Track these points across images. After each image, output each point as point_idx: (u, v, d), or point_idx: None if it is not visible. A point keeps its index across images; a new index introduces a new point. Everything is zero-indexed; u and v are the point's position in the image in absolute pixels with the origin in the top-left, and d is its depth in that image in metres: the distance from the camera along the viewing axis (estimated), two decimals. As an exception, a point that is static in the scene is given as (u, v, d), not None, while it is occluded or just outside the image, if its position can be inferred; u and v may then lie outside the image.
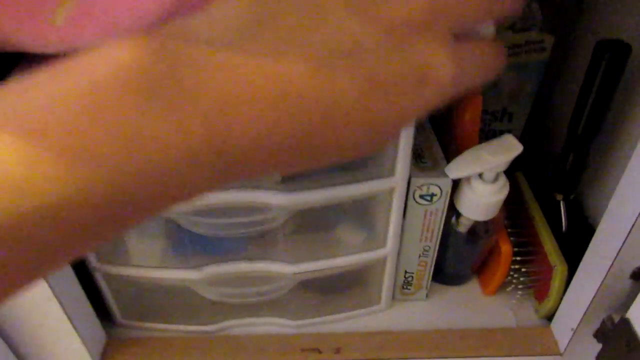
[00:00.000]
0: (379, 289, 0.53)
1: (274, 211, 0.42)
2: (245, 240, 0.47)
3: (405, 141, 0.40)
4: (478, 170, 0.43)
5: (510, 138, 0.44)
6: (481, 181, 0.46)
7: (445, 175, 0.44)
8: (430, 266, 0.52)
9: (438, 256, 0.52)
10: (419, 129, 0.49)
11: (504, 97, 0.56)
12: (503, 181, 0.46)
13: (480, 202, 0.46)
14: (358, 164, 0.43)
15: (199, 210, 0.42)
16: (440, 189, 0.45)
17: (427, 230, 0.48)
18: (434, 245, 0.50)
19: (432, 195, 0.45)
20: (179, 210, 0.42)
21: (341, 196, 0.42)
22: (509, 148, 0.43)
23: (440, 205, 0.46)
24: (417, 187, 0.45)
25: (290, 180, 0.41)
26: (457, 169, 0.43)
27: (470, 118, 0.49)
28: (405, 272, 0.53)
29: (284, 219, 0.43)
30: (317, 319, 0.53)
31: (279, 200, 0.41)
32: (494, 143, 0.44)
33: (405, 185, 0.44)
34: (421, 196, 0.46)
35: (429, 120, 0.50)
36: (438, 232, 0.49)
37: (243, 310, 0.53)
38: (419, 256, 0.51)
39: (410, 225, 0.48)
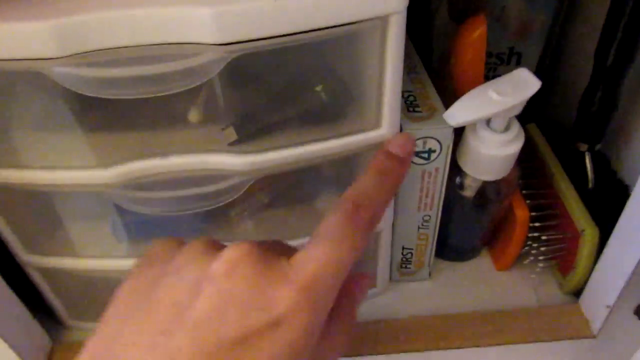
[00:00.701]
0: (373, 269, 0.44)
1: (232, 179, 0.34)
2: (202, 220, 0.38)
3: (393, 85, 0.31)
4: (485, 114, 0.34)
5: (524, 72, 0.35)
6: (489, 130, 0.37)
7: (445, 125, 0.35)
8: (433, 239, 0.44)
9: (441, 227, 0.43)
10: (410, 73, 0.40)
11: (510, 33, 0.47)
12: (516, 129, 0.37)
13: (489, 157, 0.38)
14: (335, 115, 0.34)
15: (137, 184, 0.33)
16: (440, 142, 0.36)
17: (426, 196, 0.40)
18: (435, 214, 0.41)
19: (430, 151, 0.37)
20: (115, 188, 0.34)
21: (315, 156, 0.34)
22: (523, 85, 0.34)
23: (440, 164, 0.38)
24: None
25: (248, 138, 0.33)
26: (459, 114, 0.34)
27: (473, 57, 0.40)
28: (403, 248, 0.44)
29: (245, 189, 0.35)
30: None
31: (235, 163, 0.33)
32: (504, 80, 0.35)
33: (396, 140, 0.35)
34: (416, 154, 0.37)
35: (423, 63, 0.41)
36: (439, 198, 0.40)
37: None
38: (418, 228, 0.42)
39: (405, 191, 0.40)
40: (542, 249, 0.43)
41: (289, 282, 0.21)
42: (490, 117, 0.35)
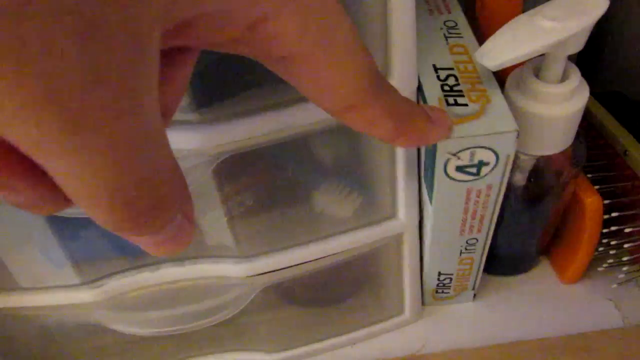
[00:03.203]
0: (399, 290, 0.34)
1: (189, 159, 0.24)
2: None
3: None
4: (535, 48, 0.24)
5: (585, -9, 0.25)
6: (541, 82, 0.27)
7: (507, 129, 0.24)
8: (480, 262, 0.33)
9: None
10: (450, 34, 0.30)
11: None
12: (577, 77, 0.27)
13: (543, 120, 0.28)
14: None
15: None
16: (496, 154, 0.25)
17: (473, 218, 0.29)
18: (484, 235, 0.30)
19: (480, 164, 0.25)
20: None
21: (297, 124, 0.24)
22: (583, 6, 0.25)
23: (494, 180, 0.26)
24: (452, 154, 0.25)
25: (206, 104, 0.23)
26: (497, 51, 0.24)
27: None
28: (440, 273, 0.33)
29: (208, 174, 0.25)
30: (304, 349, 0.34)
31: (188, 139, 0.23)
32: (557, 2, 0.25)
33: (414, 99, 0.25)
34: (460, 168, 0.26)
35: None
36: (491, 219, 0.29)
37: (190, 346, 0.34)
38: (460, 253, 0.31)
39: (442, 214, 0.29)
40: (626, 246, 0.32)
41: None
42: (544, 51, 0.25)
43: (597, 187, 0.33)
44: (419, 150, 0.28)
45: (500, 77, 0.29)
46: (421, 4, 0.32)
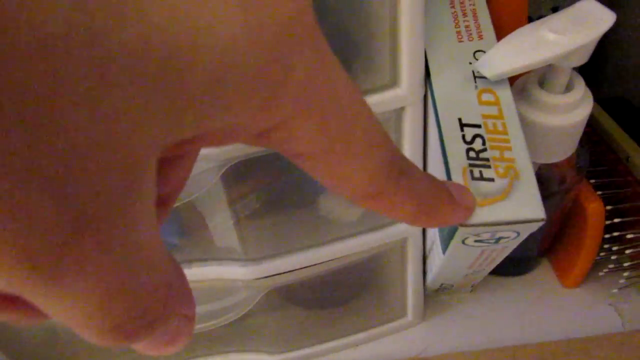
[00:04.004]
0: (402, 293, 0.35)
1: (200, 164, 0.25)
2: (177, 232, 0.29)
3: (411, 26, 0.22)
4: (538, 60, 0.24)
5: (591, 4, 0.25)
6: (545, 92, 0.27)
7: (535, 213, 0.21)
8: (481, 277, 0.33)
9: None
10: (476, 80, 0.31)
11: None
12: (582, 89, 0.27)
13: (547, 130, 0.28)
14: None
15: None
16: (518, 233, 0.23)
17: (482, 263, 0.28)
18: (489, 269, 0.31)
19: (500, 239, 0.23)
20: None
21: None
22: (589, 20, 0.25)
23: (510, 245, 0.25)
24: (473, 234, 0.22)
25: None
26: (499, 60, 0.25)
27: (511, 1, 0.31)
28: (442, 285, 0.34)
29: (217, 179, 0.26)
30: (307, 350, 0.35)
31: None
32: (562, 15, 0.25)
33: (421, 105, 0.26)
34: (479, 241, 0.23)
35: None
36: (498, 260, 0.29)
37: (194, 346, 0.35)
38: (465, 276, 0.32)
39: (452, 264, 0.28)
40: (627, 252, 0.32)
41: None
42: (545, 63, 0.25)
43: (599, 192, 0.33)
44: (424, 153, 0.28)
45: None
46: (448, 23, 0.27)
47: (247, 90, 0.11)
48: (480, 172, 0.22)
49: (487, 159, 0.22)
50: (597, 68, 0.43)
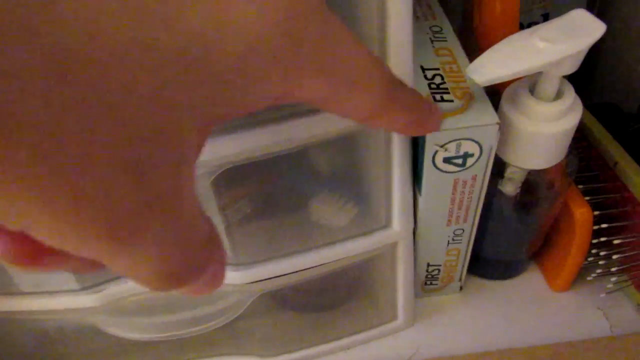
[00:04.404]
0: (393, 296, 0.35)
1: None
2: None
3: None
4: (527, 67, 0.25)
5: (581, 14, 0.26)
6: (535, 99, 0.27)
7: (489, 122, 0.26)
8: (466, 253, 0.34)
9: (475, 234, 0.33)
10: (435, 39, 0.31)
11: (545, -6, 0.38)
12: (571, 96, 0.28)
13: (536, 137, 0.28)
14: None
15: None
16: (480, 145, 0.27)
17: (459, 209, 0.30)
18: (470, 226, 0.32)
19: (465, 156, 0.27)
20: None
21: (296, 138, 0.25)
22: (580, 29, 0.25)
23: (479, 170, 0.28)
24: (439, 146, 0.27)
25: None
26: (489, 67, 0.25)
27: (503, 9, 0.31)
28: (428, 265, 0.34)
29: (207, 185, 0.26)
30: (298, 354, 0.35)
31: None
32: (553, 24, 0.25)
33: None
34: (447, 159, 0.27)
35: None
36: (476, 210, 0.30)
37: (186, 350, 0.35)
38: (448, 243, 0.33)
39: (430, 203, 0.30)
40: (614, 257, 0.33)
41: None
42: (534, 71, 0.26)
43: (587, 198, 0.34)
44: (414, 161, 0.29)
45: (496, 90, 0.30)
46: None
47: (266, 67, 0.13)
48: (442, 96, 0.27)
49: (446, 88, 0.27)
50: (587, 75, 0.44)
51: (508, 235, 0.35)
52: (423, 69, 0.29)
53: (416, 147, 0.28)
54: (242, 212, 0.31)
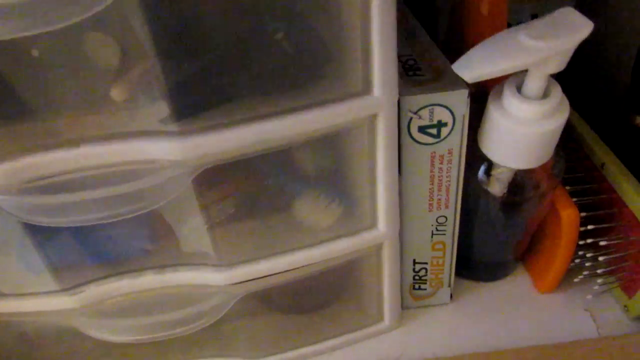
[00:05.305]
0: (379, 298, 0.34)
1: (170, 170, 0.24)
2: (141, 235, 0.29)
3: (383, 26, 0.22)
4: (514, 64, 0.25)
5: (569, 12, 0.25)
6: (522, 98, 0.27)
7: (458, 87, 0.26)
8: (452, 250, 0.34)
9: (462, 237, 0.33)
10: (409, 37, 0.31)
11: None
12: (558, 95, 0.28)
13: (523, 136, 0.28)
14: (306, 75, 0.24)
15: (37, 187, 0.24)
16: (452, 112, 0.27)
17: (439, 190, 0.30)
18: (452, 213, 0.31)
19: (440, 125, 0.27)
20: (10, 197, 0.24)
21: (281, 136, 0.24)
22: (567, 27, 0.25)
23: (454, 143, 0.28)
24: (413, 113, 0.27)
25: (187, 115, 0.23)
26: (476, 62, 0.25)
27: (492, 13, 0.31)
28: (415, 262, 0.34)
29: (188, 184, 0.25)
30: (284, 355, 0.35)
31: (169, 150, 0.23)
32: (541, 22, 0.25)
33: (395, 111, 0.26)
34: (422, 129, 0.27)
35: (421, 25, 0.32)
36: (457, 192, 0.30)
37: (169, 352, 0.34)
38: (432, 234, 0.32)
39: (411, 182, 0.30)
40: (600, 259, 0.33)
41: None
42: (520, 68, 0.25)
43: (575, 199, 0.33)
44: (399, 163, 0.28)
45: (483, 88, 0.30)
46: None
47: None
48: (415, 72, 0.28)
49: (420, 68, 0.28)
50: (575, 74, 0.43)
51: (495, 237, 0.35)
52: (399, 56, 0.29)
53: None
54: (225, 213, 0.30)
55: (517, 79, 0.28)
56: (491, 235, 0.35)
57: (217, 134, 0.23)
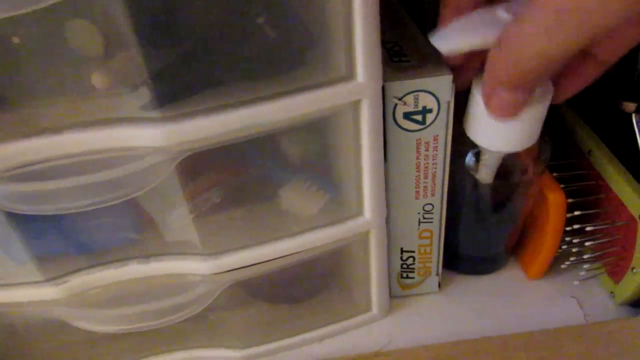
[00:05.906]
0: (366, 287, 0.34)
1: (152, 157, 0.24)
2: (125, 224, 0.29)
3: (366, 11, 0.22)
4: (490, 37, 0.24)
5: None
6: (506, 83, 0.27)
7: (442, 73, 0.26)
8: (439, 238, 0.33)
9: (450, 231, 0.33)
10: (395, 26, 0.31)
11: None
12: (543, 79, 0.27)
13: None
14: (289, 61, 0.24)
15: (18, 175, 0.24)
16: (437, 98, 0.27)
17: (425, 177, 0.30)
18: (439, 201, 0.31)
19: (425, 111, 0.27)
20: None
21: (265, 123, 0.24)
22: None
23: (439, 130, 0.28)
24: (398, 99, 0.27)
25: (169, 101, 0.23)
26: (453, 35, 0.25)
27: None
28: (402, 251, 0.34)
29: (171, 171, 0.25)
30: (272, 345, 0.34)
31: (151, 136, 0.23)
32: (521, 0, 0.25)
33: (379, 97, 0.25)
34: (407, 115, 0.27)
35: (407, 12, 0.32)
36: (443, 179, 0.30)
37: (157, 342, 0.34)
38: (419, 222, 0.32)
39: (397, 170, 0.30)
40: (587, 244, 0.33)
41: None
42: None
43: (562, 185, 0.33)
44: (385, 150, 0.28)
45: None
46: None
47: None
48: (400, 59, 0.28)
49: (405, 54, 0.28)
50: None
51: (484, 229, 0.35)
52: (383, 43, 0.29)
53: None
54: (211, 202, 0.30)
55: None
56: (481, 228, 0.35)
57: (199, 120, 0.23)
